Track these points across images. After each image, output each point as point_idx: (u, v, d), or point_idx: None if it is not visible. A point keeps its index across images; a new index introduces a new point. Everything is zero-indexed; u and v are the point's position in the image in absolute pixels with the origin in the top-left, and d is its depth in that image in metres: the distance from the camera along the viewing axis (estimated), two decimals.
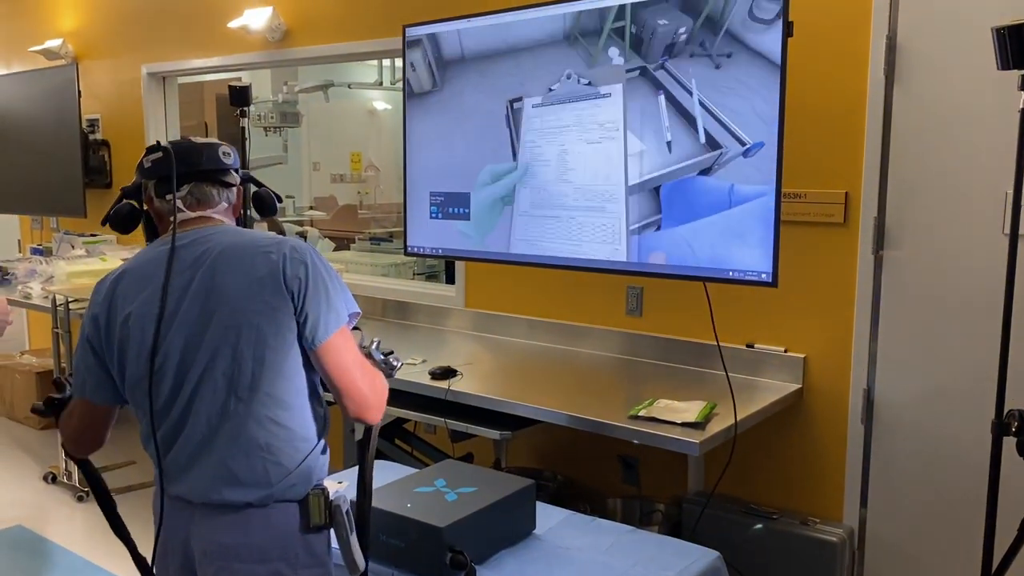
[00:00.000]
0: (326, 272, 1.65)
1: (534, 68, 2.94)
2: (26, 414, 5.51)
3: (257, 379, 1.59)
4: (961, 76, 2.61)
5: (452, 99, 3.29)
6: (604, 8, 2.68)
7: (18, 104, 5.67)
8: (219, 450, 1.61)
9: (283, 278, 1.60)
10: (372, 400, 1.67)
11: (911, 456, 2.82)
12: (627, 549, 2.14)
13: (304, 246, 1.67)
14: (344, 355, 1.64)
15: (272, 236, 1.71)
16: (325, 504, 1.66)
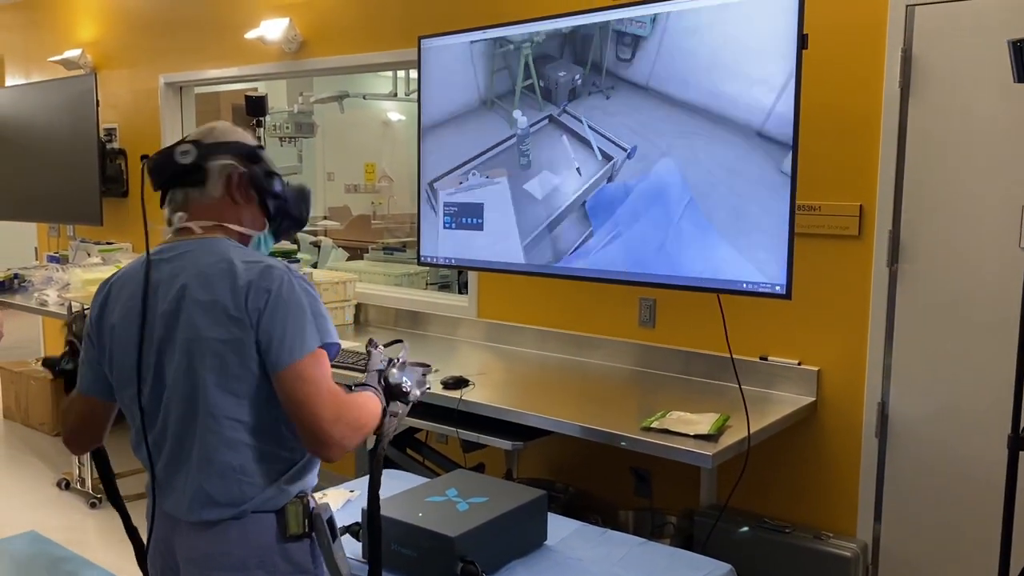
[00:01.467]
0: (293, 300, 1.57)
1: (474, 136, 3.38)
2: (41, 420, 5.55)
3: (223, 407, 1.57)
4: (977, 89, 2.60)
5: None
6: (514, 71, 3.22)
7: (37, 113, 5.73)
8: (194, 473, 1.60)
9: (245, 306, 1.55)
10: (333, 436, 1.54)
11: (926, 471, 2.80)
12: (639, 561, 2.13)
13: (277, 272, 1.59)
14: (303, 386, 1.54)
15: (252, 259, 1.62)
16: (304, 513, 1.63)
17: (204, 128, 1.74)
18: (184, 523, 1.64)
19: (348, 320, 4.29)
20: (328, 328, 1.61)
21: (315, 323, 1.58)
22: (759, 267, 2.67)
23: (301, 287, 1.60)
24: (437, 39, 3.41)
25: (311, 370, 1.55)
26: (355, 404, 1.64)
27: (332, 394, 1.57)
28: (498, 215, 3.30)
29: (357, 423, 1.62)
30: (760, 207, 2.65)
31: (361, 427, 1.64)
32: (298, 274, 1.64)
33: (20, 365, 5.86)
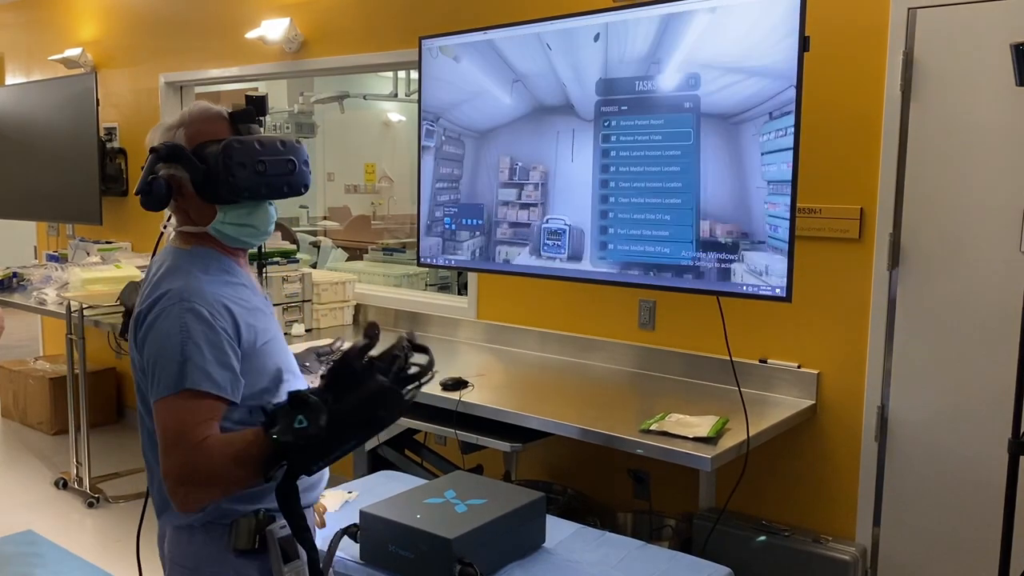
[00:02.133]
0: (162, 333, 1.46)
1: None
2: (39, 420, 5.54)
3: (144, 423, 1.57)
4: (978, 92, 2.60)
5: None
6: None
7: (37, 112, 5.73)
8: (155, 479, 1.60)
9: (135, 333, 1.54)
10: (170, 478, 1.41)
11: (925, 474, 2.80)
12: (637, 564, 2.13)
13: (163, 301, 1.49)
14: (158, 425, 1.45)
15: (164, 281, 1.53)
16: (255, 529, 1.55)
17: (148, 136, 1.68)
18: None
19: (347, 321, 4.29)
20: (192, 375, 1.43)
21: (179, 365, 1.43)
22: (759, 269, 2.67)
23: (182, 321, 1.46)
24: (438, 39, 3.41)
25: (162, 415, 1.44)
26: (208, 456, 1.40)
27: (174, 446, 1.41)
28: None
29: (201, 481, 1.41)
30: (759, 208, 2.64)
31: (214, 485, 1.43)
32: (191, 303, 1.48)
33: (18, 364, 5.86)
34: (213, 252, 1.62)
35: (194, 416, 1.43)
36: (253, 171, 1.57)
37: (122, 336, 4.23)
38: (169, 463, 1.42)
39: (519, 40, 3.16)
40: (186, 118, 1.62)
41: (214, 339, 1.47)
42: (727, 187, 2.69)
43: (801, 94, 2.52)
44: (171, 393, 1.44)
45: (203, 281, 1.54)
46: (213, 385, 1.45)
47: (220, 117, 1.63)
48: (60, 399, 5.19)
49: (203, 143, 1.58)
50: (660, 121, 2.83)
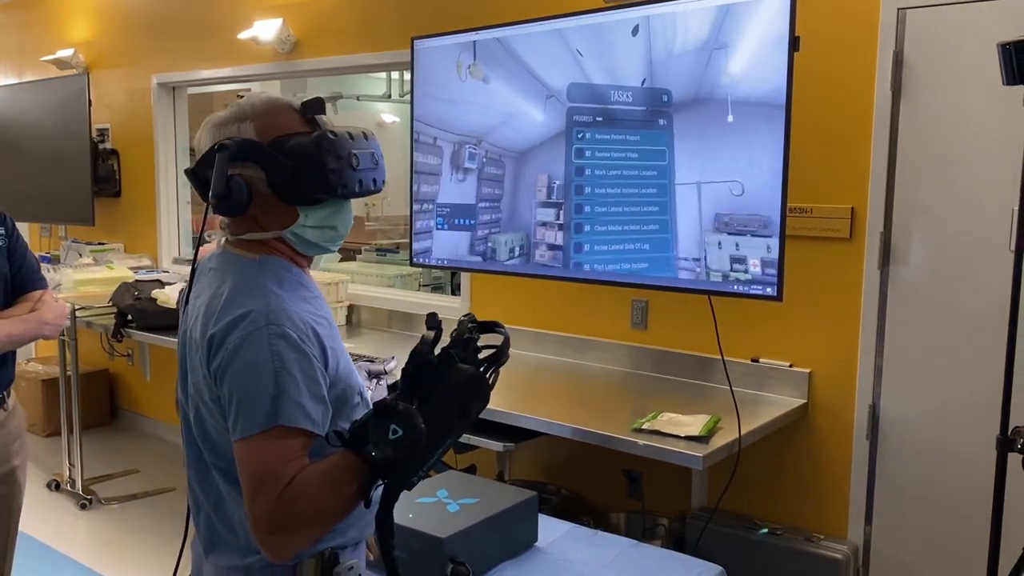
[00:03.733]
0: (248, 364, 1.29)
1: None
2: (32, 422, 5.52)
3: (222, 458, 1.39)
4: (968, 92, 2.61)
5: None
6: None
7: (29, 113, 5.71)
8: (205, 514, 1.47)
9: (208, 360, 1.34)
10: (258, 537, 1.28)
11: (916, 473, 2.81)
12: (630, 563, 2.13)
13: (244, 325, 1.31)
14: (244, 466, 1.30)
15: (240, 298, 1.35)
16: (320, 570, 1.41)
17: (199, 133, 1.46)
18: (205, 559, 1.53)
19: (341, 322, 4.29)
20: (288, 409, 1.27)
21: (272, 399, 1.27)
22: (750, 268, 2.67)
23: (273, 348, 1.29)
24: (430, 40, 3.41)
25: (250, 455, 1.28)
26: (298, 498, 1.26)
27: (262, 489, 1.26)
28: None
29: (294, 526, 1.27)
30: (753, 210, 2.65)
31: (308, 528, 1.29)
32: (282, 327, 1.31)
33: None
34: (283, 262, 1.43)
35: (284, 455, 1.27)
36: (349, 165, 1.39)
37: (114, 337, 4.22)
38: (260, 510, 1.26)
39: (548, 50, 3.04)
40: (249, 111, 1.41)
41: (308, 369, 1.31)
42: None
43: (791, 94, 2.53)
44: (261, 430, 1.27)
45: (284, 299, 1.35)
46: (309, 421, 1.29)
47: (291, 108, 1.43)
48: (52, 401, 5.17)
49: (281, 136, 1.38)
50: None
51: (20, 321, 2.36)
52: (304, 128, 1.41)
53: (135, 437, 5.51)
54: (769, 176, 2.58)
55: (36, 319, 2.40)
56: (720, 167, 2.69)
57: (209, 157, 1.38)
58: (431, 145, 3.42)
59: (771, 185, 2.58)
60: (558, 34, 3.03)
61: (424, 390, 1.27)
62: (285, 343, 1.30)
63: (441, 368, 1.28)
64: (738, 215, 2.65)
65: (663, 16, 2.76)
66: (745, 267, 2.65)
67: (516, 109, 3.17)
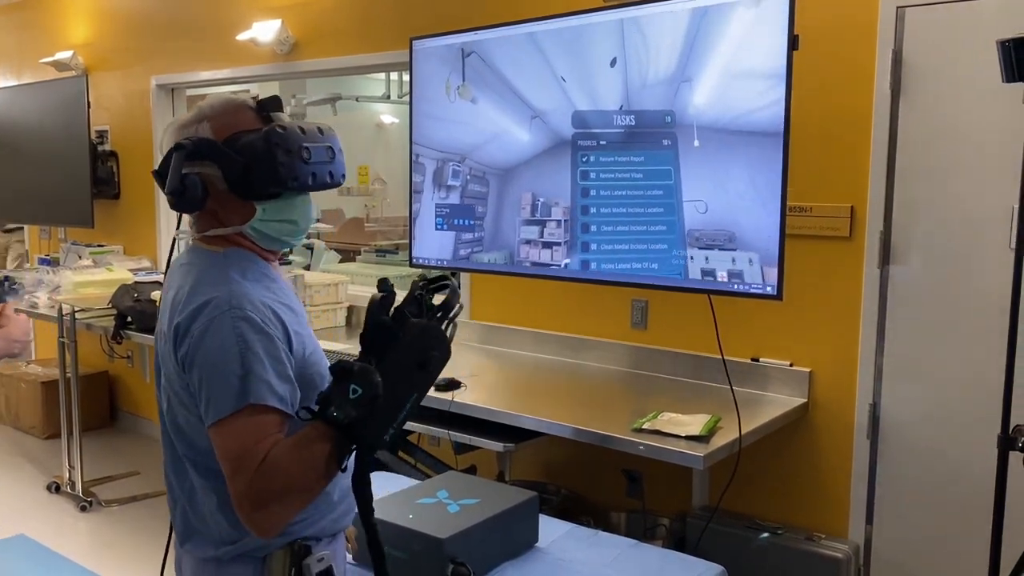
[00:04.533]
0: (215, 348, 1.32)
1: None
2: (31, 424, 5.52)
3: (190, 449, 1.43)
4: (967, 90, 2.61)
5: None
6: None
7: (28, 115, 5.71)
8: (179, 505, 1.50)
9: (174, 349, 1.38)
10: (243, 513, 1.30)
11: (917, 472, 2.80)
12: (630, 563, 2.13)
13: (208, 311, 1.34)
14: (220, 450, 1.32)
15: (202, 288, 1.39)
16: (291, 562, 1.43)
17: (161, 136, 1.52)
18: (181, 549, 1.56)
19: (340, 323, 4.29)
20: (256, 388, 1.31)
21: (240, 379, 1.31)
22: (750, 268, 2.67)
23: (237, 331, 1.32)
24: (428, 40, 3.41)
25: (224, 437, 1.31)
26: (273, 471, 1.28)
27: (239, 469, 1.29)
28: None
29: (274, 499, 1.29)
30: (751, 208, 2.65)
31: (289, 500, 1.31)
32: (244, 311, 1.35)
33: (10, 368, 5.84)
34: (248, 255, 1.47)
35: (257, 434, 1.30)
36: (299, 159, 1.42)
37: (114, 339, 4.22)
38: (239, 489, 1.29)
39: (534, 76, 3.09)
40: (207, 111, 1.46)
41: (272, 350, 1.34)
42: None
43: (791, 93, 2.53)
44: (233, 411, 1.30)
45: (247, 287, 1.39)
46: (277, 399, 1.33)
47: (246, 107, 1.47)
48: (52, 403, 5.17)
49: (235, 134, 1.42)
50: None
51: None
52: (259, 125, 1.45)
53: (135, 439, 5.51)
54: (733, 196, 2.64)
55: (4, 337, 2.39)
56: (689, 187, 2.75)
57: (169, 157, 1.44)
58: (414, 162, 3.46)
59: (736, 204, 2.64)
60: (545, 63, 3.05)
61: (380, 349, 1.30)
62: (248, 325, 1.34)
63: (394, 326, 1.32)
64: (707, 231, 2.73)
65: (638, 51, 2.81)
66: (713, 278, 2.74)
67: (502, 128, 3.21)
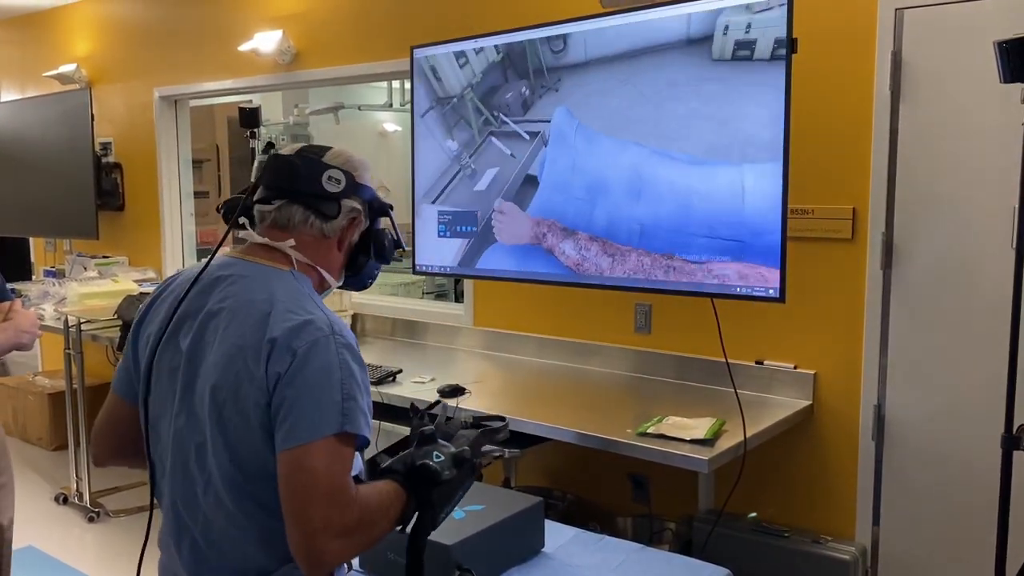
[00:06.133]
0: (320, 369, 1.31)
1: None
2: (39, 435, 5.54)
3: (241, 463, 1.35)
4: (967, 91, 2.61)
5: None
6: (468, 118, 3.34)
7: (32, 128, 5.74)
8: (189, 532, 1.42)
9: (266, 364, 1.32)
10: (316, 547, 1.27)
11: (923, 473, 2.80)
12: (637, 567, 2.13)
13: (313, 330, 1.34)
14: (300, 476, 1.28)
15: (297, 308, 1.37)
16: None
17: (347, 157, 1.54)
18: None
19: None
20: (354, 416, 1.31)
21: (340, 404, 1.30)
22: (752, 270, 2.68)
23: (340, 356, 1.33)
24: (429, 48, 3.42)
25: (315, 460, 1.28)
26: (361, 507, 1.31)
27: (330, 495, 1.27)
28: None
29: (354, 532, 1.30)
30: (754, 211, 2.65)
31: (362, 538, 1.33)
32: (346, 338, 1.37)
33: (17, 380, 5.86)
34: (308, 279, 1.49)
35: (345, 464, 1.31)
36: (372, 278, 1.65)
37: (119, 350, 4.23)
38: (326, 515, 1.26)
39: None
40: (372, 181, 1.59)
41: (365, 381, 1.37)
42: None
43: (790, 96, 2.53)
44: (328, 435, 1.28)
45: (333, 313, 1.42)
46: (369, 430, 1.34)
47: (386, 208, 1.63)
48: (59, 414, 5.18)
49: (382, 229, 1.60)
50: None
51: None
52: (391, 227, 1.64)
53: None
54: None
55: (13, 328, 2.42)
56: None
57: (360, 192, 1.54)
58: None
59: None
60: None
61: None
62: (349, 354, 1.36)
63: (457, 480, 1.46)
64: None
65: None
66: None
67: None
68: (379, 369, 3.25)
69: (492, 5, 3.61)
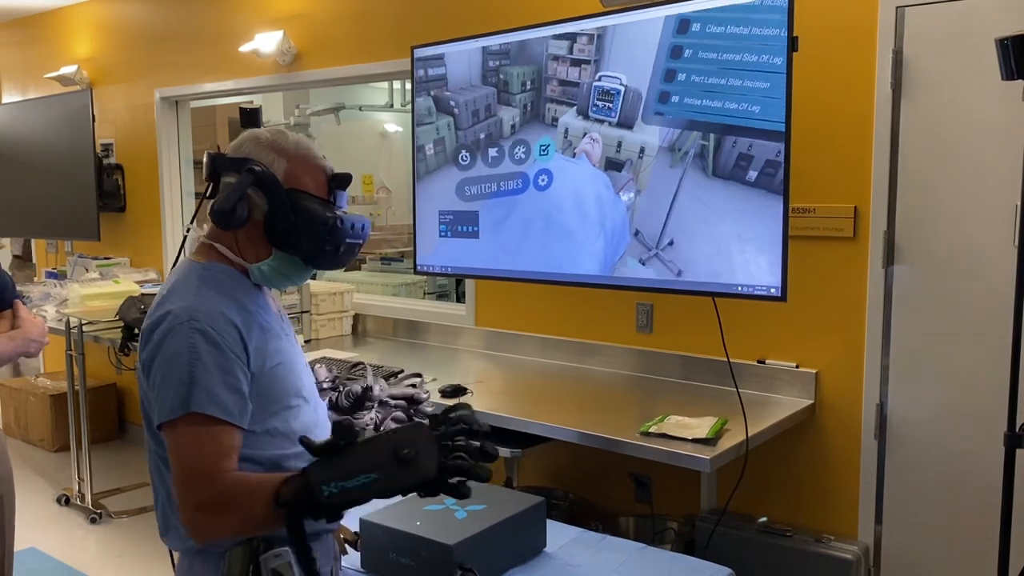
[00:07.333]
0: (169, 354, 1.40)
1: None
2: (41, 437, 5.54)
3: (156, 448, 1.50)
4: (968, 89, 2.61)
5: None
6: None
7: (34, 130, 5.75)
8: (160, 495, 1.54)
9: (140, 351, 1.48)
10: (184, 514, 1.37)
11: (926, 471, 2.80)
12: (639, 567, 2.12)
13: (169, 320, 1.42)
14: (171, 453, 1.40)
15: (175, 298, 1.47)
16: (248, 559, 1.46)
17: (240, 138, 1.58)
18: None
19: (347, 331, 4.30)
20: (199, 398, 1.37)
21: (188, 387, 1.37)
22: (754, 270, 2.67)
23: (190, 340, 1.40)
24: (430, 48, 3.42)
25: (178, 437, 1.38)
26: (227, 484, 1.36)
27: (190, 472, 1.36)
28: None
29: (216, 507, 1.35)
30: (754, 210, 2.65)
31: (229, 515, 1.36)
32: (201, 323, 1.41)
33: (19, 381, 5.87)
34: (230, 270, 1.55)
35: (210, 442, 1.37)
36: (337, 251, 1.55)
37: (122, 351, 4.24)
38: (184, 492, 1.36)
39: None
40: (291, 151, 1.54)
41: (223, 362, 1.41)
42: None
43: (791, 94, 2.53)
44: (176, 416, 1.37)
45: (213, 300, 1.47)
46: (220, 409, 1.39)
47: (324, 172, 1.57)
48: (61, 416, 5.19)
49: (301, 191, 1.52)
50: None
51: (7, 338, 2.36)
52: (323, 194, 1.56)
53: (144, 450, 5.48)
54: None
55: (22, 336, 2.40)
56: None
57: (234, 166, 1.52)
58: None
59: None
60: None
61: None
62: (202, 337, 1.41)
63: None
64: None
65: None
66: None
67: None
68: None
69: (493, 5, 3.61)
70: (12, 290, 2.47)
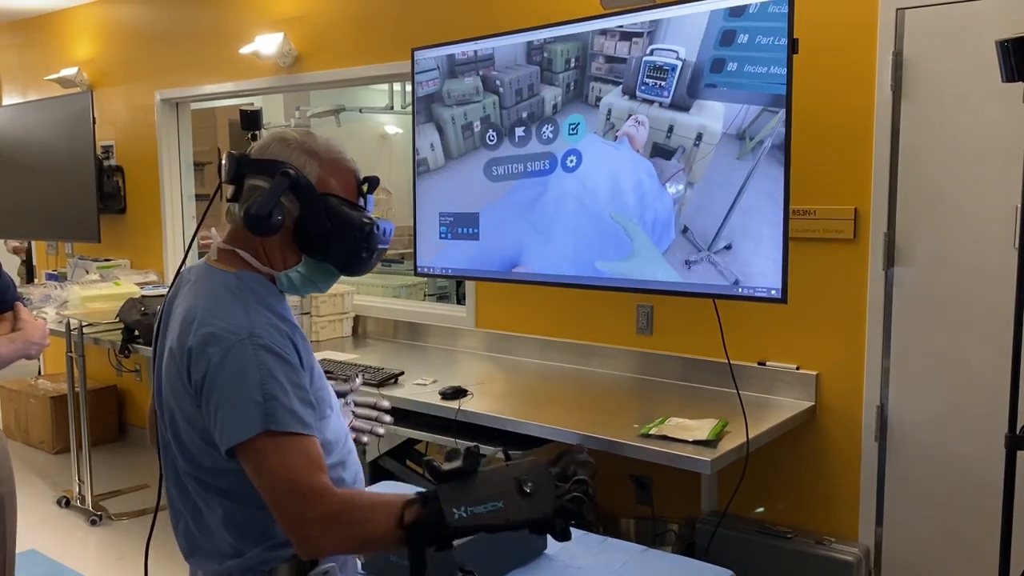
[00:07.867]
0: (234, 373, 1.33)
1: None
2: (41, 439, 5.54)
3: (192, 467, 1.43)
4: (968, 90, 2.61)
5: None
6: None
7: (34, 131, 5.75)
8: (183, 517, 1.49)
9: (188, 371, 1.37)
10: (297, 531, 1.30)
11: (926, 473, 2.80)
12: (639, 569, 2.13)
13: (232, 338, 1.35)
14: (259, 478, 1.32)
15: (220, 313, 1.39)
16: (295, 575, 1.43)
17: (267, 139, 1.52)
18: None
19: (347, 332, 4.30)
20: (278, 414, 1.31)
21: (263, 405, 1.31)
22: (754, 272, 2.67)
23: (258, 358, 1.34)
24: (430, 50, 3.42)
25: (253, 457, 1.32)
26: (342, 500, 1.32)
27: (296, 490, 1.29)
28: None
29: (336, 523, 1.30)
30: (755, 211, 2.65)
31: (350, 530, 1.31)
32: (264, 340, 1.36)
33: (19, 383, 5.86)
34: (260, 278, 1.48)
35: (303, 457, 1.32)
36: (370, 256, 1.51)
37: (122, 353, 4.24)
38: (294, 509, 1.29)
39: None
40: (322, 154, 1.48)
41: (292, 375, 1.37)
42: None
43: (791, 96, 2.53)
44: (252, 435, 1.30)
45: (262, 313, 1.41)
46: (301, 424, 1.34)
47: (355, 176, 1.53)
48: (61, 417, 5.19)
49: (334, 195, 1.47)
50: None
51: (8, 341, 2.36)
52: (353, 197, 1.51)
53: (144, 452, 5.52)
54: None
55: (23, 339, 2.40)
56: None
57: (263, 168, 1.45)
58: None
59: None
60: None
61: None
62: (269, 354, 1.35)
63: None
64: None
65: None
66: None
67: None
68: (381, 371, 3.25)
69: (493, 6, 3.62)
70: (13, 292, 2.47)
